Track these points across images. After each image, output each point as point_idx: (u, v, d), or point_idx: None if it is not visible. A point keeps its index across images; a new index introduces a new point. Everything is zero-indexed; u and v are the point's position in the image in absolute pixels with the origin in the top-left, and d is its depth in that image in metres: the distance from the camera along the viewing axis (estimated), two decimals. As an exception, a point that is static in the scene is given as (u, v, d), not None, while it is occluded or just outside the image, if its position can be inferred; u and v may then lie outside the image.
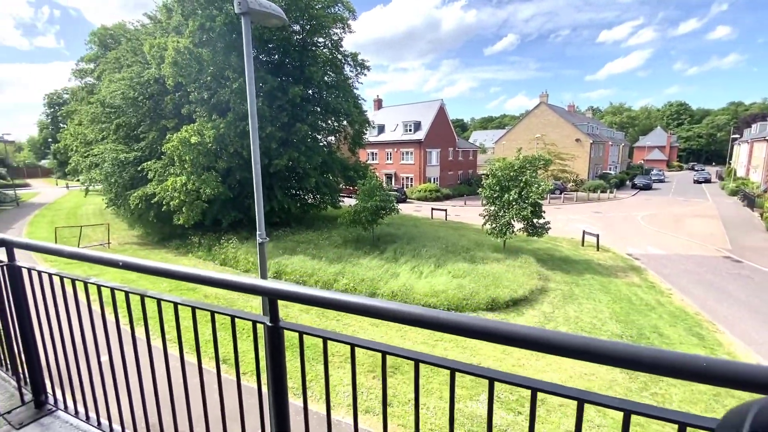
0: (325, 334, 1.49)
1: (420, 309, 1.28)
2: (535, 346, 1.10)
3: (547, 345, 1.08)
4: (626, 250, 20.65)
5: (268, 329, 1.56)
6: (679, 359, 0.96)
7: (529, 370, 9.19)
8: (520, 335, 1.12)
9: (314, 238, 20.72)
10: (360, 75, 26.27)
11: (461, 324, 1.20)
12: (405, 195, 41.11)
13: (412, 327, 1.38)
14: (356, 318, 11.29)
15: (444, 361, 1.33)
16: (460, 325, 1.20)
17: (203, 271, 1.65)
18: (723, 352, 10.57)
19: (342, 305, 1.38)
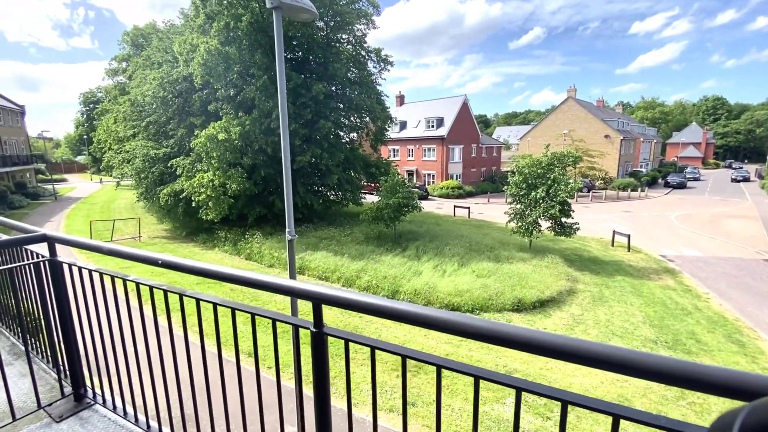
0: (373, 343, 1.40)
1: (460, 317, 1.20)
2: (560, 354, 1.04)
3: (570, 353, 1.02)
4: (659, 252, 19.75)
5: (313, 335, 1.49)
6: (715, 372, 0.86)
7: (557, 374, 8.91)
8: (546, 343, 1.05)
9: (336, 234, 20.81)
10: (383, 71, 26.14)
11: (502, 333, 1.12)
12: (427, 192, 40.77)
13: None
14: (379, 315, 11.27)
15: (467, 367, 1.26)
16: (500, 335, 1.12)
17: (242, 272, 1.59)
18: (765, 360, 9.94)
19: (385, 311, 1.31)
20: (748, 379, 0.83)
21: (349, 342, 1.47)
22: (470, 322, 1.17)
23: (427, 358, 1.32)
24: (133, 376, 2.33)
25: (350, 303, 1.36)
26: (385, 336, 10.74)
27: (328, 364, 1.52)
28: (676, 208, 32.80)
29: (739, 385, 0.83)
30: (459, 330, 1.18)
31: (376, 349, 1.42)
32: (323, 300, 1.43)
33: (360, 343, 1.42)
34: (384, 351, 1.39)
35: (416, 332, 10.69)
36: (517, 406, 1.21)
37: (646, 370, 0.93)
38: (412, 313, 1.26)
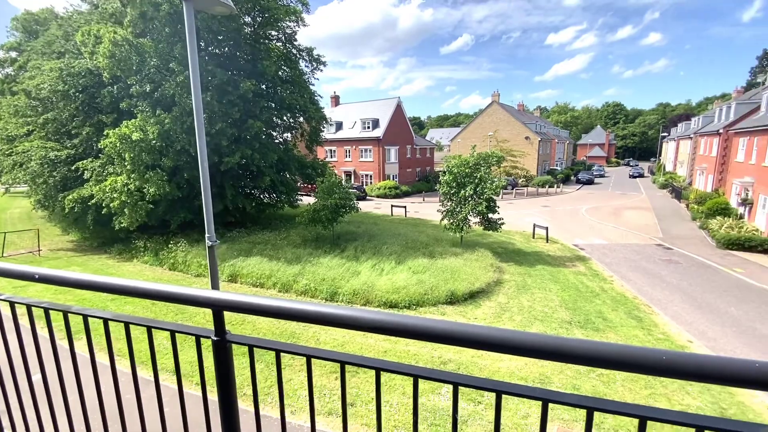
0: (278, 346, 1.37)
1: (380, 315, 1.19)
2: (503, 348, 1.07)
3: (510, 346, 1.05)
4: (573, 241, 22.01)
5: (214, 344, 1.42)
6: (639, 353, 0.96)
7: (487, 360, 9.50)
8: (485, 337, 1.08)
9: (272, 238, 20.08)
10: (316, 70, 25.74)
11: (424, 328, 1.14)
12: (365, 192, 41.03)
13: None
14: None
15: (406, 367, 1.28)
16: (422, 330, 1.14)
17: (132, 282, 1.46)
18: (658, 332, 11.53)
19: (296, 314, 1.28)
20: (646, 353, 0.96)
21: (281, 352, 1.42)
22: (375, 317, 1.17)
23: (365, 361, 1.30)
24: (26, 403, 2.02)
25: (253, 307, 1.32)
26: (324, 338, 10.61)
27: (233, 373, 1.46)
28: (586, 202, 36.80)
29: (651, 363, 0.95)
30: (370, 326, 1.18)
31: (282, 353, 1.39)
32: (223, 306, 1.37)
33: (265, 347, 1.39)
34: (288, 353, 1.37)
35: (355, 333, 10.71)
36: (455, 402, 1.24)
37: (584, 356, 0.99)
38: (318, 313, 1.24)
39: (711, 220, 23.43)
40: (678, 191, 36.92)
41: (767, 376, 0.88)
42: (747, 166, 24.71)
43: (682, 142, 51.60)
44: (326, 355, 1.33)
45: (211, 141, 19.00)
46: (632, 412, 1.04)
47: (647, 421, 1.03)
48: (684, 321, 12.17)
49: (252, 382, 1.47)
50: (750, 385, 0.91)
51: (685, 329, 11.63)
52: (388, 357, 9.69)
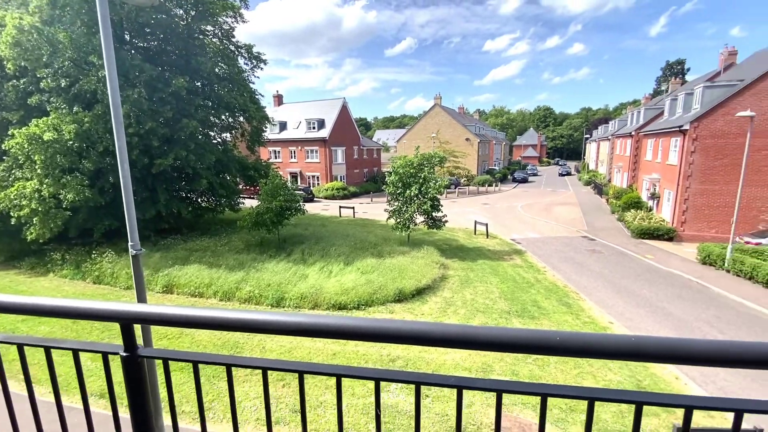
0: (196, 358, 1.31)
1: (311, 318, 1.16)
2: (461, 344, 1.09)
3: (474, 342, 1.07)
4: (510, 236, 23.44)
5: (123, 360, 1.32)
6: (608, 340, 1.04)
7: (433, 354, 9.80)
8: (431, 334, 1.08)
9: (211, 244, 19.01)
10: (256, 68, 24.82)
11: (357, 328, 1.14)
12: (312, 194, 40.32)
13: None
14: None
15: (330, 368, 1.28)
16: (357, 330, 1.14)
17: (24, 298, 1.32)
18: (585, 316, 12.66)
19: (207, 322, 1.21)
20: (543, 335, 1.04)
21: (199, 364, 1.34)
22: (293, 320, 1.16)
23: (289, 366, 1.25)
24: None
25: (166, 318, 1.25)
26: (270, 345, 10.27)
27: (148, 390, 1.37)
28: (522, 199, 39.38)
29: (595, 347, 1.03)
30: (289, 329, 1.17)
31: (198, 363, 1.32)
32: (132, 319, 1.28)
33: (181, 360, 1.32)
34: (211, 364, 1.32)
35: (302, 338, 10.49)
36: (377, 398, 1.23)
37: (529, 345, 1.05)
38: (239, 320, 1.20)
39: (626, 213, 26.21)
40: (599, 188, 40.86)
41: (641, 348, 1.02)
42: (654, 164, 27.99)
43: (602, 143, 57.13)
44: (248, 363, 1.29)
45: (140, 141, 17.55)
46: (581, 395, 1.11)
47: (547, 397, 1.14)
48: (606, 305, 13.50)
49: (169, 399, 1.39)
50: (628, 357, 1.03)
51: (607, 312, 12.90)
52: (337, 359, 9.63)
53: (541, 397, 1.13)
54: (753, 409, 1.03)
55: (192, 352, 1.33)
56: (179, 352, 1.34)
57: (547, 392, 1.12)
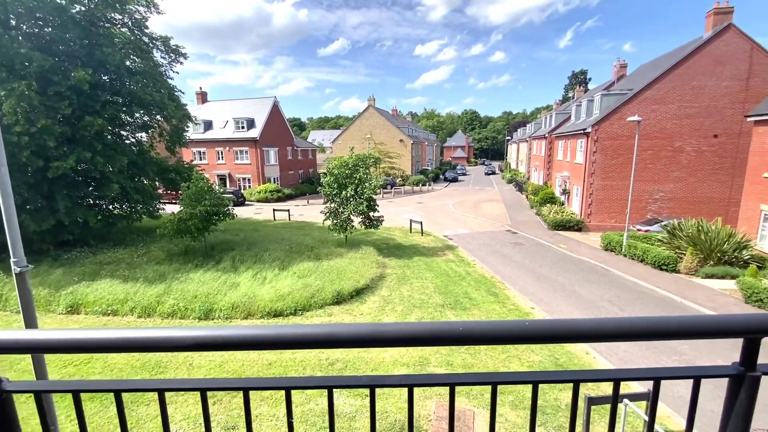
0: (77, 387, 1.14)
1: (192, 331, 1.05)
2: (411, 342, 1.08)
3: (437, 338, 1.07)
4: (443, 233, 24.52)
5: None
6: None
7: (372, 353, 9.89)
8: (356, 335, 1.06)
9: (126, 256, 17.18)
10: (175, 63, 22.95)
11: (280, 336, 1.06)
12: (243, 197, 38.31)
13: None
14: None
15: (277, 381, 1.20)
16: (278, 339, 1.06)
17: None
18: (510, 304, 13.67)
19: (110, 345, 1.05)
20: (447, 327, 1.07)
21: (81, 392, 1.16)
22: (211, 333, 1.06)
23: (186, 384, 1.15)
24: None
25: (34, 345, 1.09)
26: (199, 362, 9.55)
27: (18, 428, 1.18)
28: (453, 198, 41.41)
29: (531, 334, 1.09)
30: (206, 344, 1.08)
31: (80, 393, 1.16)
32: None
33: (58, 391, 1.16)
34: (96, 392, 1.16)
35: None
36: (330, 405, 1.18)
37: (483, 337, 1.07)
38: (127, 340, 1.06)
39: (543, 207, 28.87)
40: (520, 185, 44.50)
41: (531, 331, 1.12)
42: (564, 163, 31.21)
43: (521, 144, 62.29)
44: (140, 386, 1.16)
45: (31, 141, 15.24)
46: (526, 380, 1.16)
47: (497, 384, 1.19)
48: (528, 292, 14.73)
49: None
50: (523, 341, 1.12)
51: (529, 299, 14.08)
52: (273, 369, 9.28)
53: (327, 390, 1.13)
54: (635, 377, 1.21)
55: (73, 381, 1.17)
56: (57, 382, 1.18)
57: (496, 380, 1.16)
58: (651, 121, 22.20)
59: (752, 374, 1.14)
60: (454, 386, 1.16)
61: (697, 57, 21.57)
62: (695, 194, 22.63)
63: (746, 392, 1.16)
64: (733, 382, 1.17)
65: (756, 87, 20.90)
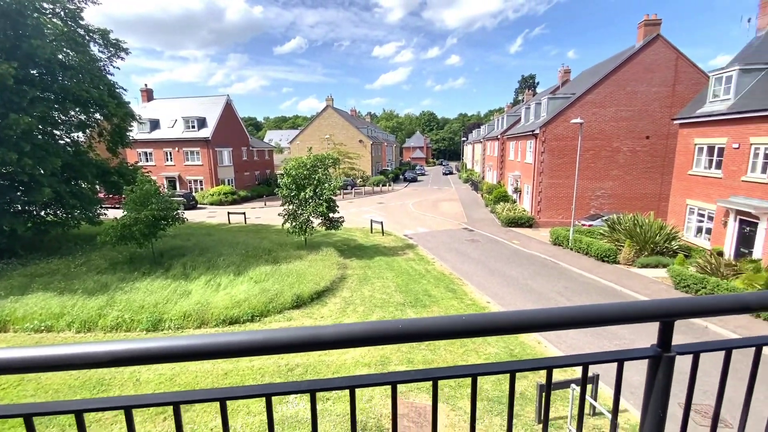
0: (29, 410, 1.02)
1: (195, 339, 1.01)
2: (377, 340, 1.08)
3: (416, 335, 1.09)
4: (403, 232, 24.83)
5: None
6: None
7: (333, 356, 9.80)
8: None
9: (62, 266, 15.78)
10: (115, 57, 21.39)
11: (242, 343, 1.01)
12: (195, 200, 36.50)
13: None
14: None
15: (212, 393, 1.15)
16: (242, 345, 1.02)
17: None
18: (468, 299, 14.12)
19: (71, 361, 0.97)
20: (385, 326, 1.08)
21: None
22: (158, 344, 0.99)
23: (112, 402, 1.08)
24: None
25: None
26: (147, 376, 8.97)
27: None
28: (412, 197, 42.05)
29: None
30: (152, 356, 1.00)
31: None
32: None
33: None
34: (51, 414, 1.06)
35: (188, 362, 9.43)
36: (269, 414, 1.15)
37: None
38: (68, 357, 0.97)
39: (497, 205, 30.09)
40: (476, 184, 46.06)
41: (469, 325, 1.16)
42: (516, 163, 32.72)
43: (476, 145, 64.49)
44: (51, 408, 1.06)
45: (-59, 141, 13.55)
46: (464, 373, 1.20)
47: (477, 376, 1.22)
48: (484, 287, 15.28)
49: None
50: (460, 335, 1.16)
51: (485, 293, 14.62)
52: (230, 378, 8.93)
53: (265, 398, 1.13)
54: (566, 364, 1.29)
55: (31, 404, 1.05)
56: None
57: (436, 376, 1.18)
58: (592, 123, 23.86)
59: (668, 354, 1.26)
60: (395, 384, 1.18)
61: (630, 65, 23.49)
62: (631, 191, 24.62)
63: (663, 371, 1.28)
64: (652, 363, 1.29)
65: (681, 93, 23.12)
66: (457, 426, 7.43)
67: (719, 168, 16.67)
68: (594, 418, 7.64)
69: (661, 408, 1.31)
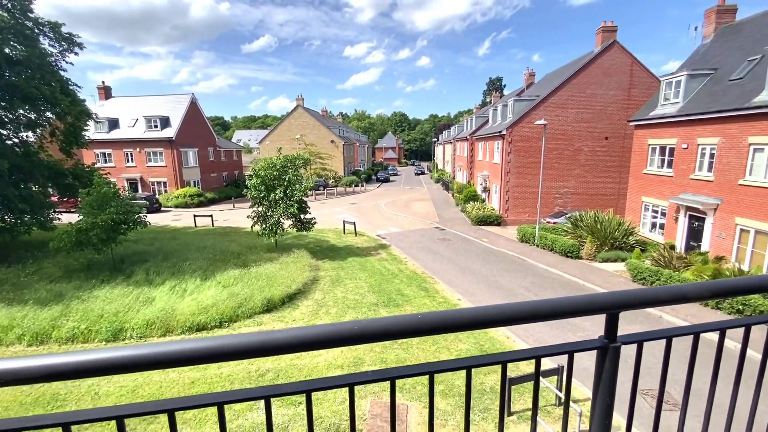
0: None
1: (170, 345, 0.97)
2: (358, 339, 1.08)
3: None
4: (376, 232, 24.87)
5: None
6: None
7: (305, 359, 9.69)
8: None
9: (11, 275, 14.72)
10: (68, 53, 20.16)
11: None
12: (158, 203, 34.97)
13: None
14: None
15: (158, 404, 1.10)
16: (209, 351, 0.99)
17: None
18: (439, 297, 14.32)
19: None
20: (341, 327, 1.08)
21: None
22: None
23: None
24: None
25: None
26: (106, 389, 8.52)
27: None
28: (385, 198, 42.19)
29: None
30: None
31: None
32: None
33: None
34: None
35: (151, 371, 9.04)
36: (221, 422, 1.10)
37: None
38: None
39: (467, 205, 30.72)
40: (447, 184, 46.83)
41: (424, 324, 1.18)
42: (484, 163, 33.54)
43: (447, 146, 65.59)
44: (95, 415, 1.00)
45: None
46: (423, 371, 1.20)
47: (434, 374, 1.23)
48: (455, 285, 15.56)
49: None
50: (416, 334, 1.18)
51: (456, 291, 14.89)
52: (197, 387, 8.64)
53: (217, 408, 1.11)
54: (520, 357, 1.34)
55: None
56: None
57: (394, 375, 1.20)
58: (555, 124, 24.83)
59: (614, 345, 1.35)
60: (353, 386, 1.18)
61: (589, 69, 24.64)
62: (592, 189, 25.83)
63: (610, 361, 1.36)
64: (600, 354, 1.37)
65: (636, 96, 24.49)
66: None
67: (671, 167, 17.79)
68: (560, 408, 7.96)
69: (609, 396, 1.39)
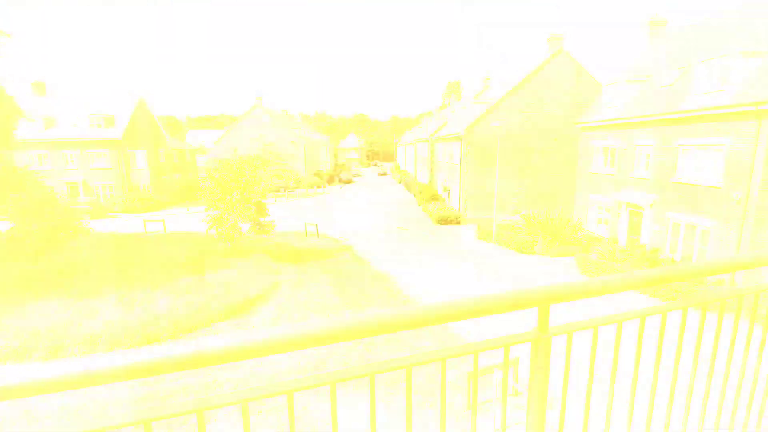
0: None
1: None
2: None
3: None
4: (339, 234, 24.70)
5: None
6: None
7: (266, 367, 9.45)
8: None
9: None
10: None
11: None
12: (104, 208, 32.60)
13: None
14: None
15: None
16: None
17: None
18: (403, 296, 14.48)
19: None
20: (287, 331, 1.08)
21: None
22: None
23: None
24: None
25: None
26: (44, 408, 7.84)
27: None
28: (348, 198, 42.04)
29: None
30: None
31: None
32: None
33: None
34: None
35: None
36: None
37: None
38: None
39: (429, 205, 31.31)
40: (409, 185, 47.45)
41: (367, 326, 1.18)
42: (444, 164, 34.34)
43: (408, 147, 66.44)
44: None
45: None
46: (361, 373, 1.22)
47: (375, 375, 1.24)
48: (418, 283, 15.80)
49: None
50: (363, 335, 1.18)
51: (419, 289, 15.12)
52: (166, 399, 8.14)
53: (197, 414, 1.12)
54: (459, 353, 1.39)
55: None
56: None
57: (333, 380, 1.19)
58: (509, 126, 25.90)
59: (545, 336, 1.44)
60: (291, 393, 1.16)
61: (540, 73, 25.96)
62: (545, 188, 27.21)
63: (543, 351, 1.45)
64: (533, 345, 1.45)
65: (582, 100, 26.10)
66: (391, 424, 7.61)
67: (613, 166, 19.16)
68: (517, 398, 8.32)
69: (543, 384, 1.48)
